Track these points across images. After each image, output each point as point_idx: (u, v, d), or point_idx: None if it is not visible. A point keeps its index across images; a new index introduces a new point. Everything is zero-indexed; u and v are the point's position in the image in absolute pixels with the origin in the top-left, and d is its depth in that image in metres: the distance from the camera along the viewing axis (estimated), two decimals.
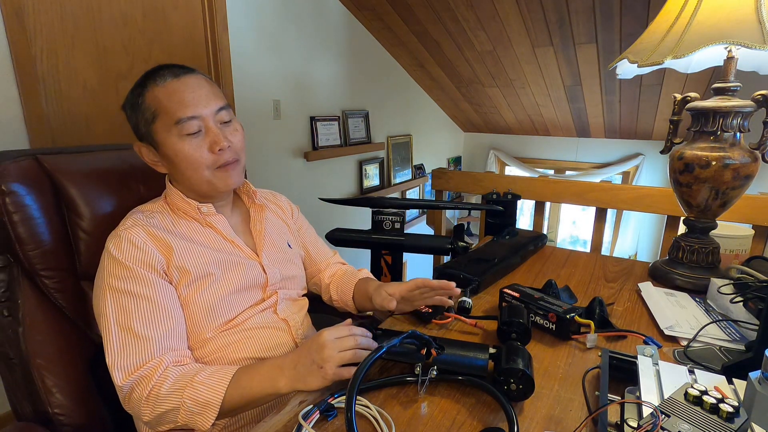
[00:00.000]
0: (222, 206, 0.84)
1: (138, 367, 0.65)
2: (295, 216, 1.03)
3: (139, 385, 0.64)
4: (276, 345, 0.80)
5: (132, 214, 0.77)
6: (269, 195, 1.00)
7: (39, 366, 0.74)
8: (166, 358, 0.67)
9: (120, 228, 0.73)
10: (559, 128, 3.73)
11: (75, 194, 0.79)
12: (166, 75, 0.73)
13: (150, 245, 0.71)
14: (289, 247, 0.94)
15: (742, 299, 0.80)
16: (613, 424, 0.54)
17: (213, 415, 0.62)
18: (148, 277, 0.70)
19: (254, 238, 0.87)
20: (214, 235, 0.80)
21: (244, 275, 0.80)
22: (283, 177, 2.16)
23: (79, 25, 1.29)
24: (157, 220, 0.76)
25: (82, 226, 0.79)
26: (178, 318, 0.72)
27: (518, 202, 1.46)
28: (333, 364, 0.60)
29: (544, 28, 2.28)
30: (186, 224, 0.78)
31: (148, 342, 0.66)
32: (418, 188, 3.55)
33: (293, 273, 0.91)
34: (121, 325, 0.67)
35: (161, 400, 0.63)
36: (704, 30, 0.82)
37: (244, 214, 0.89)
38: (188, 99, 0.72)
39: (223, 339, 0.76)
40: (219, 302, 0.76)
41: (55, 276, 0.77)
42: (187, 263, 0.74)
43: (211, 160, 0.74)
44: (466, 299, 0.87)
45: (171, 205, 0.80)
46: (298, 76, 2.16)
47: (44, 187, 0.77)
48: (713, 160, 0.89)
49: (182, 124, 0.71)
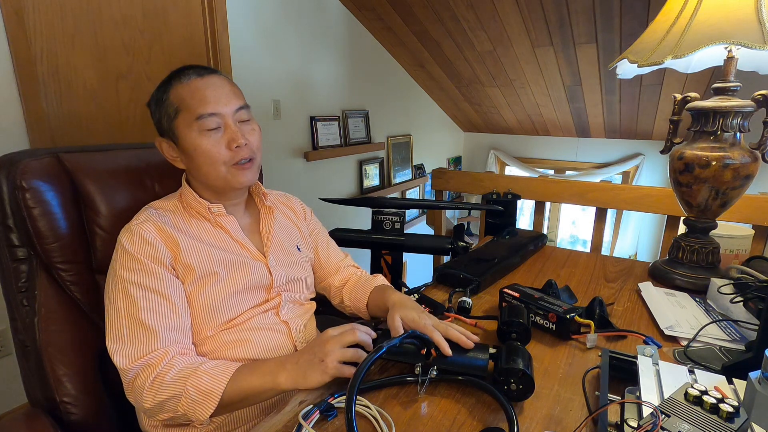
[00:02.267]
0: (235, 206, 0.85)
1: (143, 355, 0.67)
2: (308, 219, 1.02)
3: (143, 371, 0.66)
4: (274, 347, 0.80)
5: (146, 209, 0.79)
6: (281, 197, 1.00)
7: (51, 355, 0.77)
8: (171, 348, 0.69)
9: (133, 222, 0.75)
10: (559, 128, 3.73)
11: (93, 191, 0.82)
12: (190, 74, 0.77)
13: (159, 241, 0.74)
14: (298, 250, 0.93)
15: (742, 299, 0.80)
16: (613, 424, 0.54)
17: (213, 405, 0.63)
18: (158, 271, 0.72)
19: (262, 239, 0.87)
20: (222, 235, 0.82)
21: (250, 276, 0.81)
22: (283, 177, 2.16)
23: (79, 25, 1.29)
24: (169, 217, 0.78)
25: (99, 222, 0.82)
26: (184, 313, 0.74)
27: (518, 202, 1.46)
28: (334, 358, 0.61)
29: (544, 28, 2.28)
30: (197, 223, 0.80)
31: (155, 333, 0.69)
32: (418, 188, 3.55)
33: (300, 276, 0.91)
34: (131, 315, 0.69)
35: (165, 387, 0.64)
36: (704, 30, 0.82)
37: (256, 216, 0.90)
38: (210, 97, 0.75)
39: (223, 338, 0.77)
40: (222, 301, 0.77)
41: (71, 269, 0.80)
42: (192, 261, 0.75)
43: (228, 156, 0.77)
44: (466, 299, 0.87)
45: (184, 203, 0.82)
46: (298, 75, 2.16)
47: (63, 184, 0.79)
48: (713, 160, 0.89)
49: (203, 120, 0.74)
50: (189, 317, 0.75)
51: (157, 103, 0.78)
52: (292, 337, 0.83)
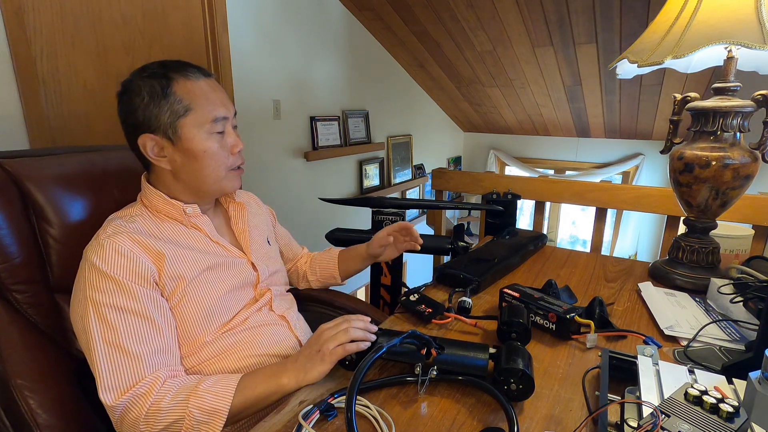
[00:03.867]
0: (206, 210, 0.83)
1: (132, 386, 0.62)
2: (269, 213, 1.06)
3: (135, 405, 0.61)
4: (279, 341, 0.81)
5: (111, 221, 0.72)
6: (244, 194, 0.99)
7: (20, 386, 0.68)
8: (161, 373, 0.64)
9: (101, 236, 0.68)
10: (559, 128, 3.73)
11: (43, 200, 0.73)
12: (195, 72, 0.74)
13: (139, 253, 0.67)
14: (268, 243, 0.95)
15: (742, 299, 0.80)
16: (613, 424, 0.54)
17: (221, 423, 0.61)
18: (135, 290, 0.66)
19: (238, 237, 0.87)
20: (199, 236, 0.79)
21: (236, 275, 0.80)
22: (283, 177, 2.16)
23: (79, 25, 1.28)
24: (138, 224, 0.72)
25: (53, 234, 0.74)
26: (169, 334, 0.69)
27: (518, 202, 1.46)
28: (330, 345, 0.62)
29: (544, 28, 2.28)
30: (170, 227, 0.76)
31: (140, 359, 0.63)
32: (418, 188, 3.55)
33: (278, 268, 0.94)
34: (110, 343, 0.62)
35: (163, 414, 0.61)
36: (704, 30, 0.82)
37: (224, 216, 0.89)
38: (220, 100, 0.75)
39: (225, 341, 0.75)
40: (215, 304, 0.75)
41: (27, 290, 0.72)
42: (181, 269, 0.71)
43: (231, 160, 0.78)
44: (466, 299, 0.87)
45: (150, 207, 0.76)
46: (298, 76, 2.16)
47: (9, 194, 0.70)
48: (713, 160, 0.89)
49: (217, 122, 0.74)
50: (175, 337, 0.70)
51: (154, 95, 0.70)
52: (292, 329, 0.85)
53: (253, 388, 0.64)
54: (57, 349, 0.76)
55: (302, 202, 2.30)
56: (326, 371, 0.62)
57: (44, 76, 1.23)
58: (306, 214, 2.33)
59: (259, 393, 0.63)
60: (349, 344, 0.62)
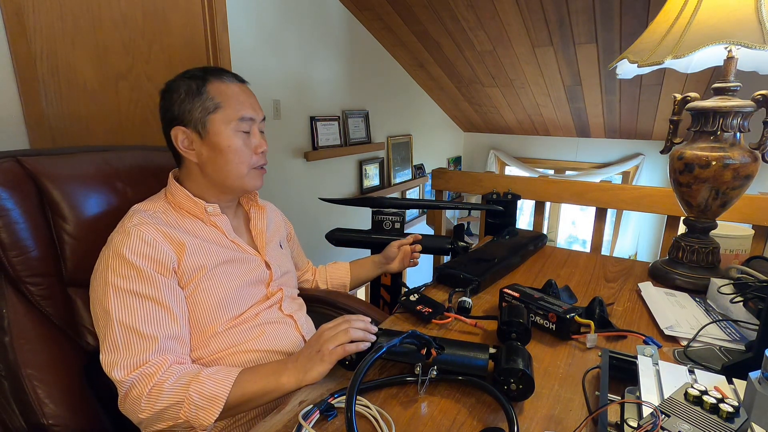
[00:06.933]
0: (227, 208, 0.87)
1: (141, 365, 0.66)
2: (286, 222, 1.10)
3: (140, 382, 0.64)
4: (284, 338, 0.83)
5: (134, 212, 0.77)
6: (269, 204, 1.05)
7: (30, 376, 0.71)
8: (168, 357, 0.68)
9: (127, 224, 0.73)
10: (559, 128, 3.72)
11: (59, 197, 0.76)
12: (230, 77, 0.82)
13: (161, 242, 0.72)
14: (281, 247, 0.98)
15: (742, 299, 0.80)
16: (613, 424, 0.54)
17: (218, 409, 0.63)
18: (156, 279, 0.70)
19: (254, 237, 0.91)
20: (217, 233, 0.83)
21: (250, 271, 0.83)
22: (283, 177, 2.16)
23: (79, 25, 1.28)
24: (161, 218, 0.77)
25: (68, 229, 0.77)
26: (183, 323, 0.73)
27: (518, 202, 1.46)
28: (329, 345, 0.62)
29: (544, 28, 2.28)
30: (190, 222, 0.80)
31: (153, 341, 0.67)
32: (418, 188, 3.55)
33: (290, 269, 0.96)
34: (125, 325, 0.67)
35: (164, 395, 0.63)
36: (704, 30, 0.82)
37: (244, 218, 0.93)
38: (249, 102, 0.82)
39: (235, 335, 0.78)
40: (230, 295, 0.78)
41: (41, 283, 0.75)
42: (202, 258, 0.76)
43: (254, 159, 0.82)
44: (466, 299, 0.87)
45: (173, 203, 0.81)
46: (298, 76, 2.16)
47: (26, 190, 0.73)
48: (713, 160, 0.89)
49: (243, 121, 0.80)
50: (187, 327, 0.74)
51: (189, 93, 0.78)
52: (299, 330, 0.87)
53: (253, 382, 0.65)
54: (68, 342, 0.78)
55: (302, 202, 2.30)
56: (326, 371, 0.62)
57: (44, 76, 1.23)
58: (306, 214, 2.33)
59: (258, 388, 0.64)
60: (349, 344, 0.62)
